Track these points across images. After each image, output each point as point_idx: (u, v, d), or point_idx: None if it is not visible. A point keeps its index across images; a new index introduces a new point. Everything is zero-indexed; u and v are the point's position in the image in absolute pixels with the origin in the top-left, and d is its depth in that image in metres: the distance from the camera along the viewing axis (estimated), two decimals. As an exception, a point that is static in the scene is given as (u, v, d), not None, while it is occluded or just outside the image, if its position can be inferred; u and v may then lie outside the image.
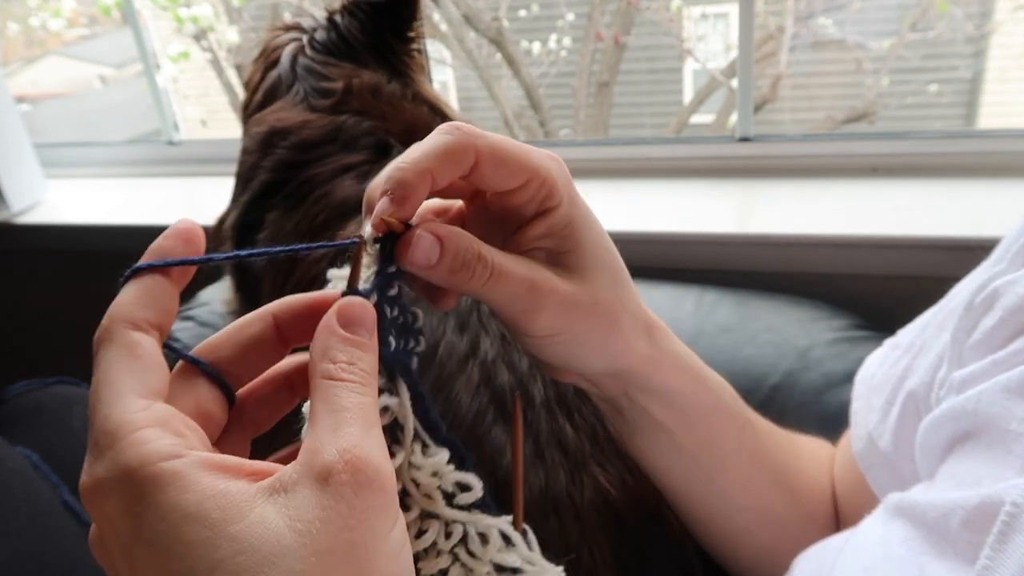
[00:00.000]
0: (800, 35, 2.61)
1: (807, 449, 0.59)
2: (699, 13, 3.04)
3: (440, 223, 0.36)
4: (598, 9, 2.68)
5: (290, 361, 0.35)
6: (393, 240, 0.34)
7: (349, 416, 0.28)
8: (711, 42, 3.12)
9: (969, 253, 0.49)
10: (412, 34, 0.84)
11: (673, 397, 0.46)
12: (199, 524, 0.25)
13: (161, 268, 0.32)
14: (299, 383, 0.35)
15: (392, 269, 0.34)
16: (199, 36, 2.69)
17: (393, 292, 0.34)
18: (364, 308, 0.32)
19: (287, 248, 0.33)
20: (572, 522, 0.55)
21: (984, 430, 0.37)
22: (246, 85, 0.88)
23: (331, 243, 0.36)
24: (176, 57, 2.60)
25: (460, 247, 0.35)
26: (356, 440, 0.27)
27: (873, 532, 0.42)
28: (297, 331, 0.34)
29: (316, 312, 0.33)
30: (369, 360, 0.31)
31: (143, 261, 0.33)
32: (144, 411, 0.28)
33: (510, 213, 0.40)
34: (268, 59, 0.84)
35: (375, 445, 0.28)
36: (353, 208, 0.70)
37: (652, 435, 0.49)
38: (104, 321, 0.31)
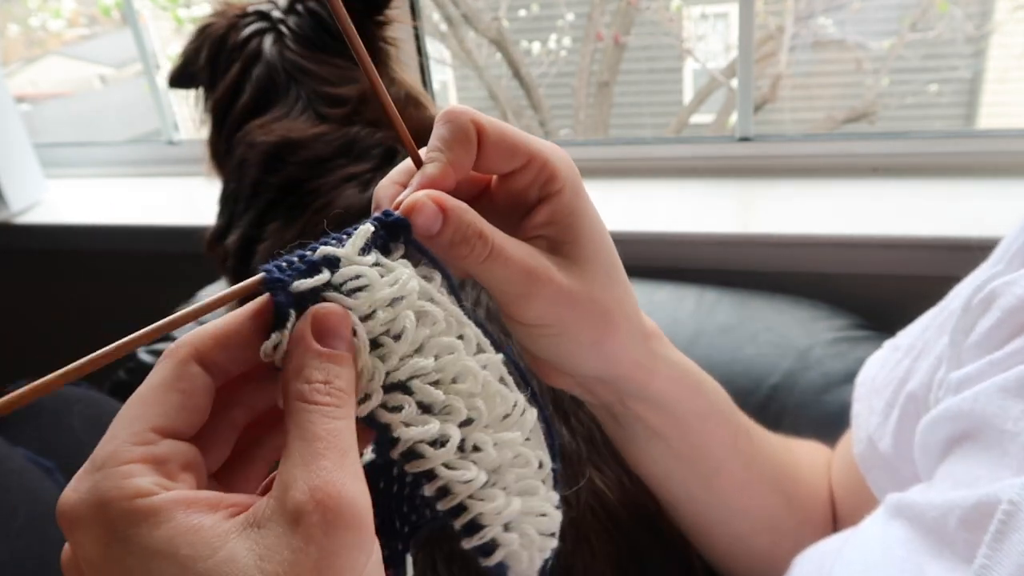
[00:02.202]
0: (800, 35, 2.60)
1: (803, 453, 0.58)
2: (699, 13, 3.04)
3: (447, 195, 0.36)
4: (598, 9, 2.68)
5: None
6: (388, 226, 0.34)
7: (322, 447, 0.27)
8: (711, 42, 3.11)
9: (969, 253, 0.48)
10: (384, 18, 0.82)
11: (668, 405, 0.46)
12: (168, 561, 0.25)
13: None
14: None
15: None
16: (199, 36, 2.69)
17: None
18: (339, 317, 0.31)
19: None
20: (568, 525, 0.54)
21: (981, 430, 0.37)
22: (216, 82, 0.83)
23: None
24: (176, 58, 2.60)
25: (463, 221, 0.35)
26: (328, 475, 0.26)
27: (873, 532, 0.42)
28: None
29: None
30: (346, 375, 0.30)
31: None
32: (145, 445, 0.28)
33: (515, 200, 0.40)
34: (247, 55, 0.80)
35: (348, 477, 0.27)
36: (355, 217, 0.69)
37: (647, 443, 0.48)
38: (184, 338, 0.30)
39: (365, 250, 0.32)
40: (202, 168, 1.39)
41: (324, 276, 0.31)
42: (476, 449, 0.33)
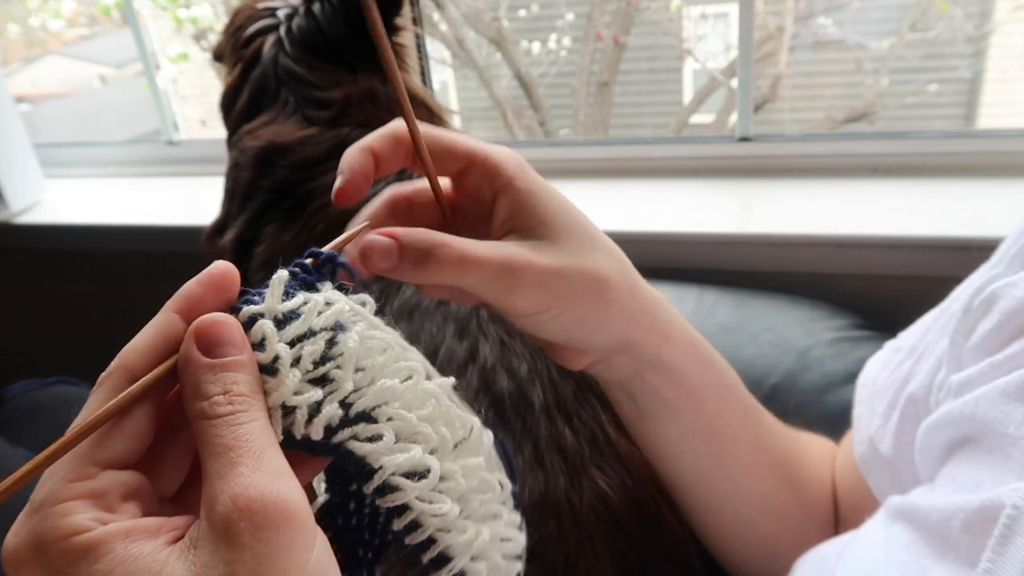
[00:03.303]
0: (800, 35, 2.61)
1: (810, 444, 0.59)
2: (699, 13, 3.04)
3: (392, 228, 0.37)
4: (598, 9, 2.68)
5: None
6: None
7: (234, 455, 0.27)
8: (711, 42, 3.12)
9: (969, 253, 0.48)
10: (395, 26, 0.82)
11: (683, 375, 0.46)
12: None
13: (186, 308, 0.30)
14: None
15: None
16: (198, 37, 2.69)
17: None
18: (222, 324, 0.30)
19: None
20: (571, 526, 0.55)
21: (983, 435, 0.37)
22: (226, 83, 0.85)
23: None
24: (176, 58, 2.61)
25: (417, 238, 0.36)
26: (247, 480, 0.26)
27: (875, 536, 0.42)
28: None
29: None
30: (246, 378, 0.29)
31: (175, 307, 0.31)
32: (83, 481, 0.27)
33: (476, 206, 0.41)
34: (245, 55, 0.81)
35: (268, 476, 0.27)
36: (353, 216, 0.69)
37: (663, 417, 0.48)
38: (113, 363, 0.29)
39: (288, 295, 0.31)
40: (203, 168, 1.40)
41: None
42: (442, 479, 0.32)
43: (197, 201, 1.32)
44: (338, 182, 0.39)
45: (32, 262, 1.42)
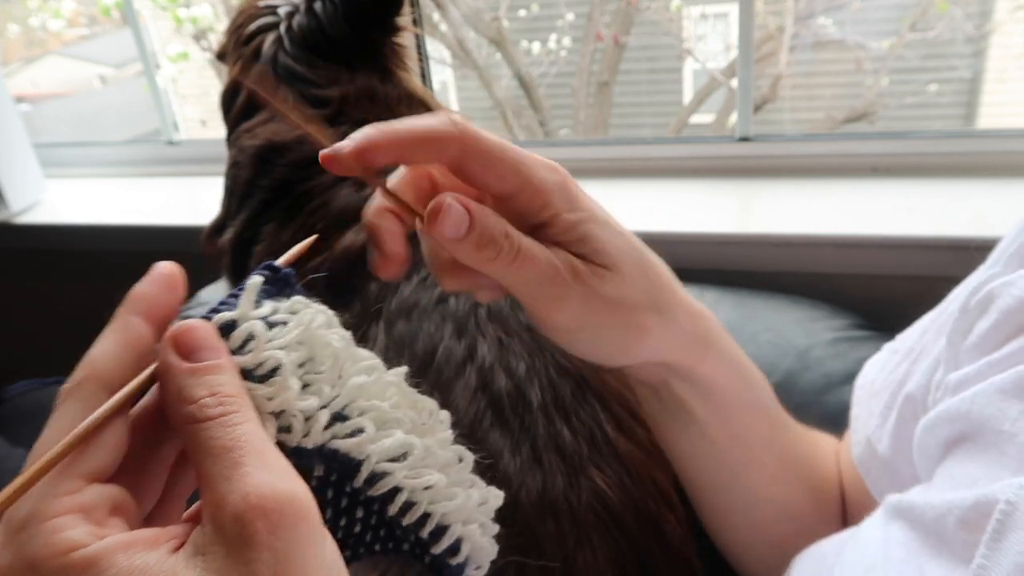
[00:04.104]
0: (800, 35, 2.61)
1: (821, 443, 0.58)
2: (699, 13, 3.04)
3: (468, 199, 0.36)
4: (598, 9, 2.69)
5: None
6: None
7: (236, 455, 0.26)
8: (711, 42, 3.12)
9: (969, 253, 0.48)
10: (395, 26, 0.82)
11: (714, 391, 0.46)
12: None
13: (145, 312, 0.30)
14: None
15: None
16: (198, 36, 2.70)
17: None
18: (195, 328, 0.29)
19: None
20: (570, 525, 0.55)
21: (979, 432, 0.37)
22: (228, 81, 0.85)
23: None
24: (175, 58, 2.61)
25: (488, 222, 0.35)
26: (255, 479, 0.25)
27: (873, 534, 0.42)
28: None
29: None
30: (229, 379, 0.28)
31: (126, 307, 0.30)
32: (69, 495, 0.26)
33: (516, 222, 0.39)
34: (245, 53, 0.81)
35: (275, 473, 0.26)
36: (352, 217, 0.70)
37: (685, 425, 0.48)
38: (79, 373, 0.28)
39: (258, 303, 0.31)
40: (203, 168, 1.40)
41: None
42: (424, 455, 0.33)
43: (197, 201, 1.32)
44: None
45: (32, 262, 1.42)
